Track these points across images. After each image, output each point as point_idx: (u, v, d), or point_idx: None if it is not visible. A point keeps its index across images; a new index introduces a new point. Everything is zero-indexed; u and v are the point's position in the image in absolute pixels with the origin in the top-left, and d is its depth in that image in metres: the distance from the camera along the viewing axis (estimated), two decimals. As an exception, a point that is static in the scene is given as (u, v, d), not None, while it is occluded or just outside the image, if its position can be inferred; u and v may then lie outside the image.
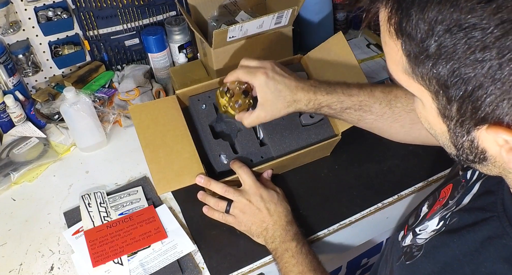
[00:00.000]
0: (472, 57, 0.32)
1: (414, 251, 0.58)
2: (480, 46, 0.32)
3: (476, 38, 0.31)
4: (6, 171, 0.97)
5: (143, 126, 0.85)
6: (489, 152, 0.37)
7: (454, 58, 0.33)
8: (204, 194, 0.86)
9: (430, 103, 0.39)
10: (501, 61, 0.31)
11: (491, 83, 0.32)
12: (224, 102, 0.81)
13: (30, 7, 1.07)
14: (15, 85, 1.07)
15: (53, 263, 0.82)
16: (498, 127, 0.34)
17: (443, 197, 0.63)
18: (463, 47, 0.32)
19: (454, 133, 0.39)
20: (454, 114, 0.37)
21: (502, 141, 0.35)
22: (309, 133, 0.90)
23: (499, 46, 0.31)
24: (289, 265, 0.75)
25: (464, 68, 0.33)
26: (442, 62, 0.34)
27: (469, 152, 0.39)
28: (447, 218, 0.57)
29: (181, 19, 1.17)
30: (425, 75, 0.36)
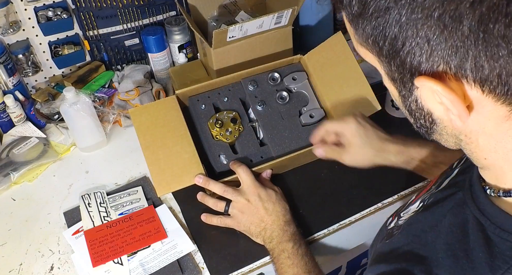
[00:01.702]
0: (381, 8, 0.34)
1: (394, 231, 0.60)
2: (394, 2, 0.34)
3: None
4: (6, 171, 0.97)
5: (143, 129, 0.86)
6: (435, 112, 0.39)
7: (370, 12, 0.35)
8: (203, 195, 0.86)
9: (380, 68, 0.41)
10: (398, 7, 0.33)
11: (399, 31, 0.34)
12: (216, 133, 0.87)
13: (30, 7, 1.07)
14: (15, 85, 1.07)
15: (53, 263, 0.82)
16: (421, 77, 0.36)
17: (430, 185, 0.65)
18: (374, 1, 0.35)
19: (402, 95, 0.41)
20: (396, 74, 0.39)
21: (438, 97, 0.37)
22: (309, 133, 0.90)
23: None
24: (284, 266, 0.75)
25: (379, 20, 0.35)
26: (366, 20, 0.36)
27: (419, 115, 0.41)
28: (425, 200, 0.59)
29: (181, 19, 1.17)
30: (363, 37, 0.39)
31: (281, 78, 0.93)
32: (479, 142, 0.41)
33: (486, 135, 0.40)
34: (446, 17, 0.32)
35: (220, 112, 0.89)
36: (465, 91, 0.36)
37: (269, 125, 0.89)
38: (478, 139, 0.41)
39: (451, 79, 0.35)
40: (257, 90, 0.91)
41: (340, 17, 1.33)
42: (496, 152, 0.41)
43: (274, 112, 0.90)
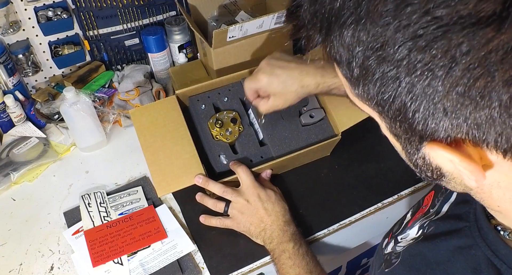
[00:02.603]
0: (388, 76, 0.32)
1: (393, 259, 0.59)
2: (392, 65, 0.31)
3: (388, 58, 0.31)
4: (6, 171, 0.97)
5: (143, 129, 0.86)
6: (444, 168, 0.37)
7: (375, 78, 0.33)
8: (202, 196, 0.86)
9: (380, 122, 0.39)
10: (411, 78, 0.31)
11: (410, 100, 0.32)
12: (216, 133, 0.87)
13: (30, 7, 1.07)
14: (15, 85, 1.07)
15: (53, 263, 0.82)
16: (434, 144, 0.34)
17: (425, 204, 0.63)
18: (379, 67, 0.32)
19: (407, 151, 0.38)
20: (400, 132, 0.36)
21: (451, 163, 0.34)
22: (309, 134, 0.90)
23: (406, 64, 0.31)
24: (286, 266, 0.75)
25: (386, 87, 0.33)
26: (369, 84, 0.34)
27: (425, 169, 0.39)
28: (425, 227, 0.57)
29: (181, 19, 1.17)
30: (362, 96, 0.36)
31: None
32: (492, 192, 0.39)
33: (501, 189, 0.37)
34: (473, 93, 0.29)
35: (220, 112, 0.89)
36: (483, 154, 0.34)
37: (269, 125, 0.89)
38: (492, 191, 0.38)
39: (468, 146, 0.33)
40: (257, 90, 0.91)
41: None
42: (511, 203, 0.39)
43: (274, 112, 0.90)
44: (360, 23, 0.32)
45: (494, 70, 0.28)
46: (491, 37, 0.27)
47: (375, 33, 0.31)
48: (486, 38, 0.27)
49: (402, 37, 0.30)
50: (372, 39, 0.31)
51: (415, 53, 0.30)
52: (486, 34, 0.27)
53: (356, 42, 0.33)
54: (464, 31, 0.27)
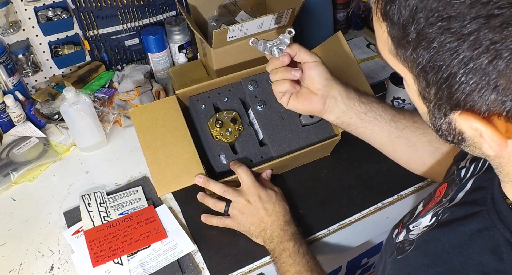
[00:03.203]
0: (447, 47, 0.33)
1: (406, 246, 0.59)
2: (455, 38, 0.32)
3: (452, 30, 0.32)
4: (6, 171, 0.97)
5: (143, 129, 0.85)
6: (466, 133, 0.38)
7: (431, 46, 0.34)
8: (203, 195, 0.86)
9: (412, 84, 0.40)
10: (473, 53, 0.32)
11: (463, 73, 0.33)
12: (216, 133, 0.87)
13: (30, 7, 1.07)
14: (15, 85, 1.07)
15: (53, 263, 0.82)
16: (469, 114, 0.35)
17: (438, 195, 0.63)
18: (440, 37, 0.33)
19: (433, 114, 0.40)
20: (432, 97, 0.38)
21: (478, 131, 0.36)
22: (309, 134, 0.90)
23: (472, 40, 0.31)
24: (286, 265, 0.75)
25: (441, 56, 0.34)
26: (421, 49, 0.35)
27: (448, 133, 0.40)
28: (439, 214, 0.57)
29: (181, 19, 1.17)
30: (407, 58, 0.37)
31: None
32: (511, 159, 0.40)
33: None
34: None
35: (220, 112, 0.89)
36: (510, 128, 0.35)
37: (269, 125, 0.89)
38: (511, 157, 0.40)
39: (501, 120, 0.35)
40: (257, 90, 0.91)
41: (340, 17, 1.33)
42: None
43: (274, 112, 0.90)
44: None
45: None
46: None
47: (447, 3, 0.32)
48: None
49: (475, 14, 0.30)
50: (442, 8, 0.32)
51: (485, 31, 0.30)
52: None
53: (422, 7, 0.33)
54: None
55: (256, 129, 0.90)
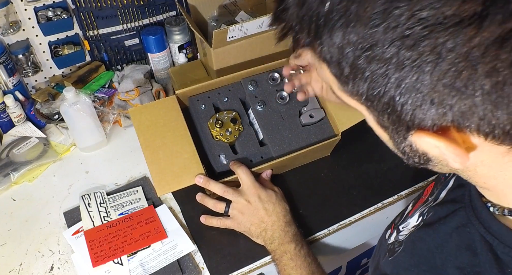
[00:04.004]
0: (378, 74, 0.34)
1: (396, 247, 0.60)
2: (381, 64, 0.33)
3: (377, 57, 0.33)
4: (6, 171, 0.97)
5: (143, 128, 0.85)
6: (430, 153, 0.39)
7: (365, 76, 0.35)
8: (202, 196, 0.86)
9: (367, 115, 0.41)
10: (400, 74, 0.33)
11: (399, 94, 0.34)
12: (216, 133, 0.87)
13: (30, 7, 1.07)
14: (15, 85, 1.07)
15: (53, 263, 0.82)
16: (421, 132, 0.36)
17: (425, 194, 0.65)
18: (369, 66, 0.34)
19: (395, 140, 0.41)
20: (387, 123, 0.39)
21: (437, 148, 0.37)
22: (309, 133, 0.90)
23: (394, 62, 0.33)
24: (287, 267, 0.75)
25: (376, 83, 0.35)
26: (358, 81, 0.36)
27: (413, 155, 0.41)
28: (424, 213, 0.59)
29: (181, 19, 1.17)
30: (352, 92, 0.38)
31: (281, 78, 0.93)
32: (477, 171, 0.41)
33: (485, 166, 0.40)
34: (458, 84, 0.32)
35: (220, 112, 0.89)
36: (466, 138, 0.36)
37: (269, 125, 0.89)
38: (476, 169, 0.41)
39: (452, 131, 0.35)
40: (257, 90, 0.91)
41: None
42: (496, 179, 0.41)
43: (274, 112, 0.90)
44: (350, 25, 0.34)
45: (477, 64, 0.30)
46: (473, 35, 0.29)
47: (364, 35, 0.33)
48: (469, 36, 0.29)
49: (391, 37, 0.32)
50: (362, 40, 0.33)
51: (403, 51, 0.32)
52: (469, 32, 0.29)
53: (346, 43, 0.35)
54: (448, 30, 0.30)
55: (256, 129, 0.90)
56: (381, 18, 0.32)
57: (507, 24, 0.29)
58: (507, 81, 0.30)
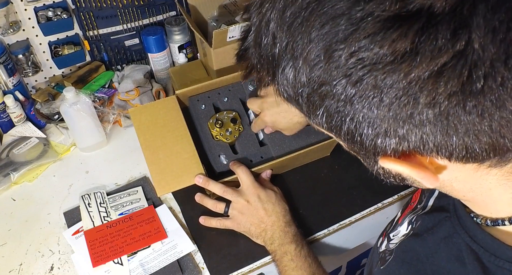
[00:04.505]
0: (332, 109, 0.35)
1: (387, 256, 0.60)
2: (333, 100, 0.35)
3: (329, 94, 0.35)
4: (6, 171, 0.97)
5: (143, 128, 0.85)
6: (403, 173, 0.39)
7: (321, 112, 0.36)
8: (201, 196, 0.86)
9: (338, 141, 0.42)
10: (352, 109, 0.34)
11: (355, 127, 0.35)
12: (216, 133, 0.87)
13: (30, 7, 1.07)
14: (15, 85, 1.07)
15: (53, 263, 0.82)
16: (385, 159, 0.37)
17: (413, 201, 0.65)
18: (322, 103, 0.36)
19: (367, 163, 0.42)
20: (356, 149, 0.39)
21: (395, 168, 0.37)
22: (309, 134, 0.90)
23: (343, 98, 0.34)
24: (288, 268, 0.75)
25: (332, 118, 0.36)
26: (317, 116, 0.37)
27: (387, 176, 0.42)
28: (413, 222, 0.59)
29: (181, 19, 1.17)
30: (316, 124, 0.40)
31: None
32: (454, 186, 0.42)
33: (460, 182, 0.41)
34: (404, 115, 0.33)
35: (220, 112, 0.89)
36: (432, 160, 0.37)
37: (269, 126, 0.89)
38: (452, 184, 0.41)
39: (416, 156, 0.36)
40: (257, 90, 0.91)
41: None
42: (473, 192, 0.42)
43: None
44: (298, 67, 0.35)
45: (417, 97, 0.31)
46: (408, 71, 0.31)
47: (312, 75, 0.34)
48: (404, 72, 0.31)
49: (336, 76, 0.33)
50: (311, 79, 0.35)
51: (349, 88, 0.33)
52: (404, 69, 0.31)
53: (298, 83, 0.36)
54: (385, 68, 0.31)
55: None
56: (324, 59, 0.33)
57: (439, 59, 0.30)
58: (449, 111, 0.31)
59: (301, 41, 0.34)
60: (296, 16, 0.34)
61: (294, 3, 0.34)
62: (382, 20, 0.30)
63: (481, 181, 0.40)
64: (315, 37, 0.33)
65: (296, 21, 0.34)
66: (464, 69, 0.30)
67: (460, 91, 0.30)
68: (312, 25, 0.33)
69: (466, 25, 0.29)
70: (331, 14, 0.32)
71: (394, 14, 0.30)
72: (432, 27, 0.29)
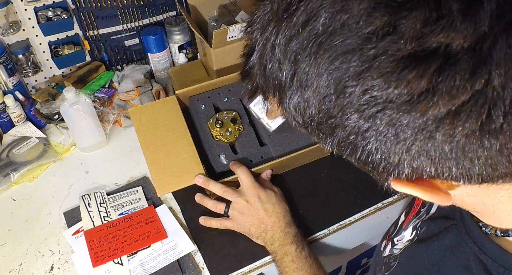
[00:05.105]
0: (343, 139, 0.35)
1: (391, 261, 0.60)
2: (345, 131, 0.34)
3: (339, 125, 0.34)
4: (6, 171, 0.97)
5: (143, 128, 0.85)
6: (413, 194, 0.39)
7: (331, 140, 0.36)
8: (201, 196, 0.86)
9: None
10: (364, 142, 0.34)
11: (367, 157, 0.35)
12: (216, 133, 0.87)
13: (30, 7, 1.07)
14: (15, 85, 1.07)
15: (53, 263, 0.82)
16: (397, 182, 0.36)
17: (416, 204, 0.65)
18: (332, 133, 0.35)
19: (378, 180, 0.41)
20: (367, 170, 0.39)
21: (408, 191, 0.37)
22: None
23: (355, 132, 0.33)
24: (289, 270, 0.74)
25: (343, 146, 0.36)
26: (328, 143, 0.37)
27: (400, 192, 0.41)
28: (418, 228, 0.59)
29: (181, 19, 1.17)
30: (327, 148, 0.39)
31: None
32: (464, 200, 0.41)
33: (471, 197, 0.40)
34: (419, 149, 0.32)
35: (220, 112, 0.89)
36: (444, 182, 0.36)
37: (269, 126, 0.89)
38: (463, 199, 0.41)
39: (429, 179, 0.36)
40: (257, 90, 0.91)
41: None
42: (484, 205, 0.41)
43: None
44: (306, 97, 0.34)
45: (434, 134, 0.31)
46: (425, 111, 0.30)
47: (322, 108, 0.34)
48: (420, 112, 0.30)
49: (348, 110, 0.32)
50: (321, 112, 0.34)
51: (362, 122, 0.32)
52: (420, 109, 0.30)
53: (307, 112, 0.35)
54: (400, 108, 0.30)
55: (257, 129, 0.90)
56: (334, 94, 0.32)
57: (457, 99, 0.29)
58: (467, 147, 0.31)
59: (310, 73, 0.33)
60: (303, 48, 0.32)
61: (301, 34, 0.32)
62: (396, 59, 0.29)
63: (493, 195, 0.39)
64: (325, 72, 0.32)
65: (304, 53, 0.33)
66: (483, 108, 0.29)
67: (479, 130, 0.30)
68: (321, 58, 0.32)
69: (485, 63, 0.28)
70: (342, 49, 0.31)
71: (409, 53, 0.29)
72: (450, 67, 0.28)
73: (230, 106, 0.91)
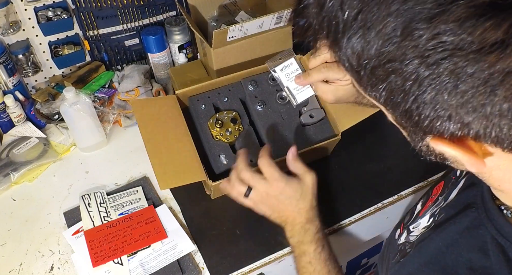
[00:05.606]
0: (397, 86, 0.34)
1: (407, 248, 0.60)
2: (400, 78, 0.33)
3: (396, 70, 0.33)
4: (6, 171, 0.97)
5: (145, 120, 0.84)
6: (446, 154, 0.38)
7: (383, 86, 0.35)
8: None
9: (386, 113, 0.41)
10: (418, 91, 0.33)
11: (416, 108, 0.34)
12: (216, 133, 0.86)
13: (30, 7, 1.07)
14: (15, 85, 1.07)
15: (53, 263, 0.82)
16: (438, 140, 0.36)
17: (435, 194, 0.64)
18: (387, 78, 0.34)
19: (412, 138, 0.41)
20: (405, 124, 0.38)
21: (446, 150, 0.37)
22: (309, 133, 0.90)
23: (413, 78, 0.33)
24: (306, 271, 0.70)
25: (394, 94, 0.35)
26: (377, 89, 0.36)
27: (429, 154, 0.41)
28: (436, 214, 0.58)
29: (181, 19, 1.17)
30: (370, 95, 0.39)
31: (281, 78, 0.93)
32: (493, 173, 0.41)
33: (501, 170, 0.40)
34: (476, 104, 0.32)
35: (220, 112, 0.89)
36: (483, 146, 0.36)
37: (269, 125, 0.89)
38: (492, 172, 0.41)
39: (469, 141, 0.35)
40: (257, 90, 0.91)
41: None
42: (511, 183, 0.41)
43: (274, 112, 0.90)
44: (369, 38, 0.33)
45: (496, 89, 0.30)
46: (494, 62, 0.29)
47: (383, 50, 0.33)
48: (489, 63, 0.29)
49: (411, 55, 0.31)
50: (381, 54, 0.33)
51: (422, 69, 0.32)
52: (490, 60, 0.29)
53: (365, 54, 0.34)
54: (469, 56, 0.29)
55: (257, 129, 0.90)
56: (401, 35, 0.31)
57: None
58: None
59: (378, 13, 0.32)
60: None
61: None
62: (475, 5, 0.28)
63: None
64: (395, 11, 0.31)
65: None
66: None
67: None
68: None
69: None
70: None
71: (490, 1, 0.28)
72: None
73: (230, 106, 0.90)
